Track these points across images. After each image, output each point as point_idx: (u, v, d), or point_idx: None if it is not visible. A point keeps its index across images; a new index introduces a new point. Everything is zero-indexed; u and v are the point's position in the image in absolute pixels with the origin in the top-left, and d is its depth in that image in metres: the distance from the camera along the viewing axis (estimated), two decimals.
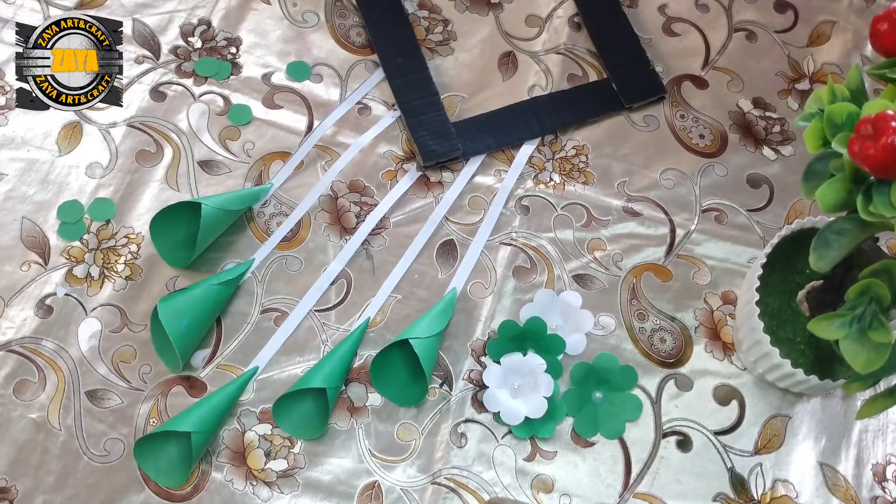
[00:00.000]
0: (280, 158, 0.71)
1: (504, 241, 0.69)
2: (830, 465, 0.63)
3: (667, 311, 0.67)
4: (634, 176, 0.73)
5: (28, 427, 0.60)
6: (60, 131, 0.71)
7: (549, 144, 0.74)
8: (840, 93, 0.48)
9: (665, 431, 0.63)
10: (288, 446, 0.61)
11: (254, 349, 0.64)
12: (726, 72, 0.78)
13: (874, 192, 0.45)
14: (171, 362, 0.62)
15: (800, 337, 0.61)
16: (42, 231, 0.67)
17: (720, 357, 0.66)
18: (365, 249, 0.68)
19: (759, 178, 0.73)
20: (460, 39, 0.78)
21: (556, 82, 0.76)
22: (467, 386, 0.64)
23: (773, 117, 0.76)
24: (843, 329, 0.48)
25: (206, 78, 0.74)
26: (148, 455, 0.59)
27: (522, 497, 0.61)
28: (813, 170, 0.49)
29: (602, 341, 0.66)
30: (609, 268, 0.69)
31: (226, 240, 0.67)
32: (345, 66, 0.76)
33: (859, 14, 0.82)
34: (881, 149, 0.43)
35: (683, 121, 0.75)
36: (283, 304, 0.66)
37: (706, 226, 0.71)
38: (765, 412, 0.64)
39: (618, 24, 0.79)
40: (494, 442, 0.62)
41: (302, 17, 0.78)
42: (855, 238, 0.48)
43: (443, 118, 0.73)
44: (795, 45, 0.80)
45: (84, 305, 0.64)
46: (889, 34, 0.48)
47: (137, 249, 0.67)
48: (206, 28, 0.76)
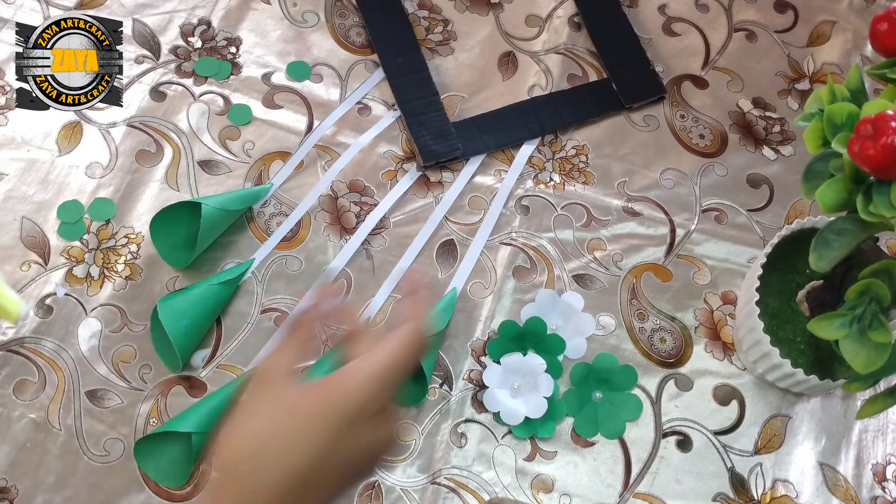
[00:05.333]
0: (280, 158, 0.71)
1: (504, 241, 0.69)
2: (830, 465, 0.63)
3: (667, 311, 0.67)
4: (634, 176, 0.73)
5: (28, 427, 0.60)
6: (60, 131, 0.71)
7: (549, 144, 0.74)
8: (840, 93, 0.48)
9: (665, 431, 0.63)
10: None
11: (254, 349, 0.64)
12: (726, 72, 0.78)
13: (874, 192, 0.45)
14: (171, 362, 0.62)
15: (800, 337, 0.61)
16: (42, 231, 0.67)
17: (720, 357, 0.66)
18: (365, 249, 0.68)
19: (759, 178, 0.73)
20: (460, 39, 0.78)
21: (556, 82, 0.76)
22: (467, 386, 0.64)
23: (773, 117, 0.76)
24: (843, 329, 0.48)
25: (206, 78, 0.74)
26: (148, 455, 0.59)
27: (522, 497, 0.61)
28: (813, 170, 0.49)
29: (602, 341, 0.66)
30: (609, 268, 0.69)
31: (226, 240, 0.67)
32: (345, 66, 0.76)
33: (859, 14, 0.82)
34: (881, 149, 0.42)
35: (683, 121, 0.75)
36: (283, 304, 0.66)
37: (706, 226, 0.71)
38: (765, 412, 0.64)
39: (618, 24, 0.79)
40: (494, 442, 0.62)
41: (302, 17, 0.78)
42: (855, 238, 0.48)
43: (443, 118, 0.73)
44: (795, 45, 0.80)
45: (84, 305, 0.64)
46: (889, 34, 0.48)
47: (137, 249, 0.67)
48: (206, 28, 0.76)
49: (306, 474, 0.42)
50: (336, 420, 0.43)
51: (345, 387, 0.44)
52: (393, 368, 0.45)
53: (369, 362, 0.45)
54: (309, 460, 0.42)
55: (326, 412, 0.43)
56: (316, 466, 0.43)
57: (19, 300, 0.57)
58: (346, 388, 0.44)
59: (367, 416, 0.44)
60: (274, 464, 0.42)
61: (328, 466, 0.43)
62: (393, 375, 0.45)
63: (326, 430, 0.43)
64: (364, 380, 0.44)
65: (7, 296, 0.57)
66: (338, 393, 0.44)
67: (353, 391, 0.44)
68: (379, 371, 0.45)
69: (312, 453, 0.43)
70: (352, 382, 0.44)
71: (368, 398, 0.44)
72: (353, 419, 0.43)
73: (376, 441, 0.46)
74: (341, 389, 0.44)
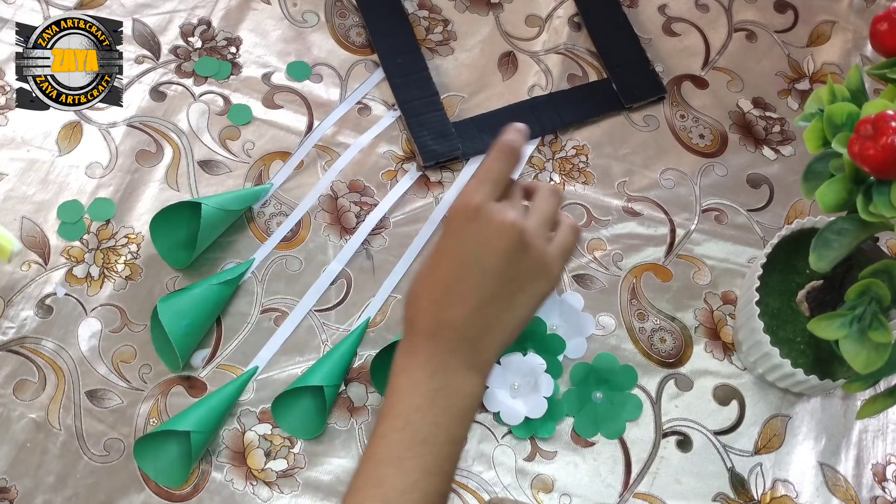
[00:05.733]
0: (280, 158, 0.71)
1: None
2: (830, 465, 0.63)
3: (667, 311, 0.67)
4: (634, 176, 0.73)
5: (28, 427, 0.60)
6: (60, 131, 0.71)
7: (549, 144, 0.74)
8: (840, 93, 0.48)
9: (665, 431, 0.63)
10: (288, 446, 0.61)
11: (254, 349, 0.64)
12: (726, 72, 0.78)
13: (874, 192, 0.45)
14: (171, 362, 0.62)
15: (800, 337, 0.61)
16: (42, 231, 0.67)
17: (720, 357, 0.66)
18: (365, 249, 0.68)
19: (759, 178, 0.73)
20: (460, 39, 0.78)
21: (556, 82, 0.76)
22: None
23: (773, 117, 0.76)
24: (843, 329, 0.48)
25: (206, 78, 0.74)
26: (147, 454, 0.59)
27: (522, 497, 0.61)
28: (813, 170, 0.49)
29: (602, 341, 0.66)
30: (609, 268, 0.69)
31: (226, 240, 0.67)
32: (345, 66, 0.76)
33: (859, 14, 0.82)
34: (881, 149, 0.43)
35: (683, 121, 0.75)
36: (283, 304, 0.66)
37: (706, 226, 0.71)
38: (765, 412, 0.64)
39: (618, 24, 0.79)
40: (494, 442, 0.62)
41: (302, 17, 0.78)
42: (855, 238, 0.48)
43: (443, 118, 0.73)
44: (795, 45, 0.80)
45: (84, 305, 0.64)
46: (889, 34, 0.48)
47: (137, 249, 0.67)
48: (206, 28, 0.76)
49: (490, 299, 0.49)
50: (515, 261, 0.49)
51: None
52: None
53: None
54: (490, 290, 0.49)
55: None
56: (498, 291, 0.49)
57: (12, 238, 0.59)
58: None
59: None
60: (459, 300, 0.49)
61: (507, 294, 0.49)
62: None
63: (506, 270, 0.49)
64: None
65: (0, 233, 0.58)
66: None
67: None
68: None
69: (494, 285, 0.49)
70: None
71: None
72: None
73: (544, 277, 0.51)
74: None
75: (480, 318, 0.49)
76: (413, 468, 0.46)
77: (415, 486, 0.46)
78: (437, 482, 0.47)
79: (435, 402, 0.48)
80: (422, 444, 0.47)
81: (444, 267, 0.50)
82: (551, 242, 0.51)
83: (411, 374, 0.49)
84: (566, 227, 0.53)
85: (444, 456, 0.48)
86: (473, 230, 0.50)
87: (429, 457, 0.47)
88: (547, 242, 0.51)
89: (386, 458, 0.47)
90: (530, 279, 0.50)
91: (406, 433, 0.47)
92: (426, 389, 0.48)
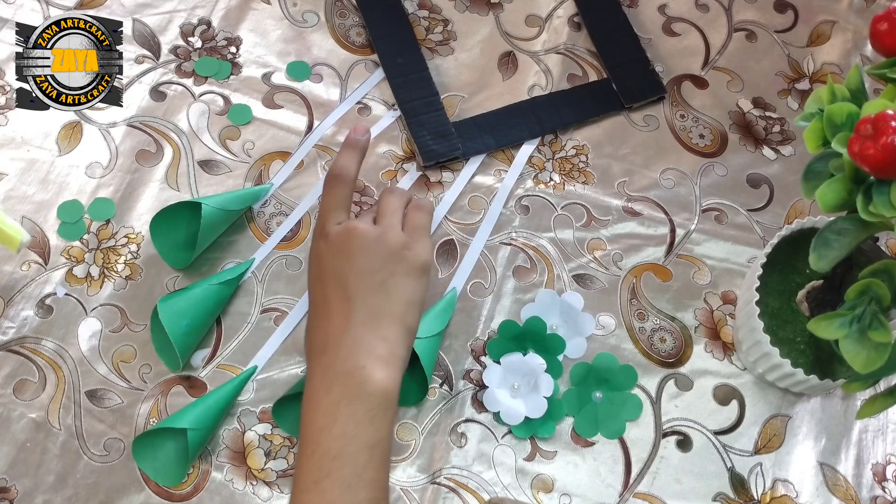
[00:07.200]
0: (280, 158, 0.71)
1: (504, 241, 0.69)
2: (830, 464, 0.63)
3: (667, 310, 0.67)
4: (634, 176, 0.73)
5: (28, 427, 0.60)
6: (60, 131, 0.71)
7: (549, 144, 0.74)
8: (840, 93, 0.48)
9: (665, 431, 0.63)
10: (288, 446, 0.61)
11: (254, 349, 0.64)
12: (726, 72, 0.78)
13: (874, 192, 0.45)
14: (171, 362, 0.62)
15: (800, 337, 0.61)
16: (42, 231, 0.67)
17: (720, 357, 0.66)
18: None
19: (759, 177, 0.73)
20: (460, 39, 0.78)
21: (556, 82, 0.76)
22: (467, 386, 0.64)
23: (773, 117, 0.76)
24: (843, 329, 0.48)
25: (206, 78, 0.74)
26: (145, 453, 0.59)
27: (522, 497, 0.61)
28: (813, 170, 0.49)
29: (602, 341, 0.66)
30: (609, 267, 0.69)
31: (226, 240, 0.67)
32: (345, 66, 0.76)
33: (859, 14, 0.82)
34: (881, 149, 0.43)
35: (683, 121, 0.75)
36: (284, 303, 0.66)
37: (706, 226, 0.71)
38: (765, 412, 0.64)
39: (618, 24, 0.79)
40: (494, 442, 0.62)
41: (302, 17, 0.78)
42: (855, 238, 0.48)
43: (443, 118, 0.73)
44: (795, 45, 0.80)
45: (84, 305, 0.64)
46: (889, 34, 0.48)
47: (137, 249, 0.67)
48: (206, 28, 0.76)
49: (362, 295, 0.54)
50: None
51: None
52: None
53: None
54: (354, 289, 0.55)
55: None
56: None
57: (21, 228, 0.59)
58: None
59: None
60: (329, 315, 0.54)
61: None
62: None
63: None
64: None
65: (9, 224, 0.58)
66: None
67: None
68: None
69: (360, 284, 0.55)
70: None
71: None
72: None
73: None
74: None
75: (364, 313, 0.51)
76: (330, 486, 0.47)
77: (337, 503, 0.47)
78: (363, 491, 0.47)
79: (337, 416, 0.48)
80: (334, 460, 0.48)
81: (314, 292, 0.57)
82: (401, 226, 0.58)
83: (311, 398, 0.50)
84: (411, 207, 0.59)
85: (361, 464, 0.48)
86: (325, 251, 0.57)
87: (345, 469, 0.47)
88: (393, 228, 0.57)
89: (305, 487, 0.48)
90: (394, 262, 0.55)
91: (316, 456, 0.48)
92: (326, 406, 0.49)
